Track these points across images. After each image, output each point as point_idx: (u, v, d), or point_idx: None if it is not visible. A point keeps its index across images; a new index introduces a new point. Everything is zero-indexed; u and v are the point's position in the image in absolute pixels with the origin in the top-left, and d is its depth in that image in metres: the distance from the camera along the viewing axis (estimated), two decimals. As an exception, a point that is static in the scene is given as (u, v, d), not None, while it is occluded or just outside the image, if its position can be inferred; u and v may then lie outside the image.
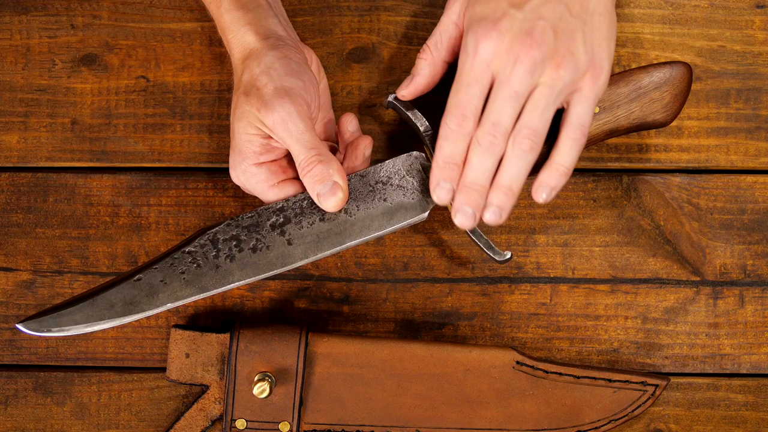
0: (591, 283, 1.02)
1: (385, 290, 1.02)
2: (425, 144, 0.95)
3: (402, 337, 1.02)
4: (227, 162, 0.94)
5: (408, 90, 0.96)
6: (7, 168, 1.02)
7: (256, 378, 0.96)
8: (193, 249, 0.92)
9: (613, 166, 1.03)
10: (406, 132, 1.02)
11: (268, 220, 0.93)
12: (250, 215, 0.93)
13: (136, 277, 0.91)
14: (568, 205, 1.02)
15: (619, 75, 0.95)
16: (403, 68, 1.03)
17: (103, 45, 1.03)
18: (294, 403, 0.97)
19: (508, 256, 0.95)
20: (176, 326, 0.99)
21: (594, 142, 0.96)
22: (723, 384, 1.02)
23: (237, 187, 0.97)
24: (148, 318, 1.01)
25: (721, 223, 1.02)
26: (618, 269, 1.02)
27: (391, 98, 0.97)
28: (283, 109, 0.90)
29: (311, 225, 0.93)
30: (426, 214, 0.94)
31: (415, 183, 0.94)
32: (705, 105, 1.02)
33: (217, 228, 0.93)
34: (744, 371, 1.02)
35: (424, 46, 0.96)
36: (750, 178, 1.02)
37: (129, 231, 1.02)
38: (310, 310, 1.02)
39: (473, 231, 0.94)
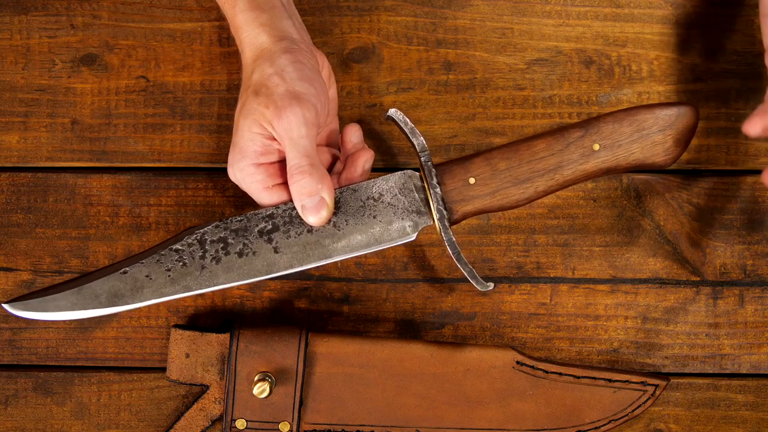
0: (591, 283, 1.02)
1: (385, 290, 1.02)
2: (420, 163, 0.94)
3: (402, 337, 1.02)
4: (227, 162, 0.94)
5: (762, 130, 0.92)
6: (7, 168, 1.02)
7: (256, 378, 0.96)
8: (180, 247, 0.92)
9: (613, 166, 1.03)
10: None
11: (257, 225, 0.93)
12: (239, 219, 0.93)
13: (122, 270, 0.91)
14: (568, 205, 1.02)
15: (624, 112, 0.93)
16: (403, 68, 1.02)
17: (103, 45, 1.03)
18: (294, 403, 0.97)
19: (491, 287, 0.94)
20: (176, 326, 0.99)
21: (589, 178, 0.95)
22: (723, 384, 1.02)
23: (237, 188, 0.96)
24: (148, 318, 1.01)
25: (721, 223, 1.02)
26: (618, 269, 1.02)
27: (391, 112, 0.95)
28: (292, 112, 0.90)
29: (299, 235, 0.92)
30: (415, 235, 0.93)
31: (406, 202, 0.93)
32: (705, 105, 1.02)
33: (205, 228, 0.93)
34: (744, 371, 1.01)
35: None
36: (750, 178, 1.02)
37: (129, 231, 1.02)
38: (310, 310, 1.02)
39: (459, 259, 0.94)
